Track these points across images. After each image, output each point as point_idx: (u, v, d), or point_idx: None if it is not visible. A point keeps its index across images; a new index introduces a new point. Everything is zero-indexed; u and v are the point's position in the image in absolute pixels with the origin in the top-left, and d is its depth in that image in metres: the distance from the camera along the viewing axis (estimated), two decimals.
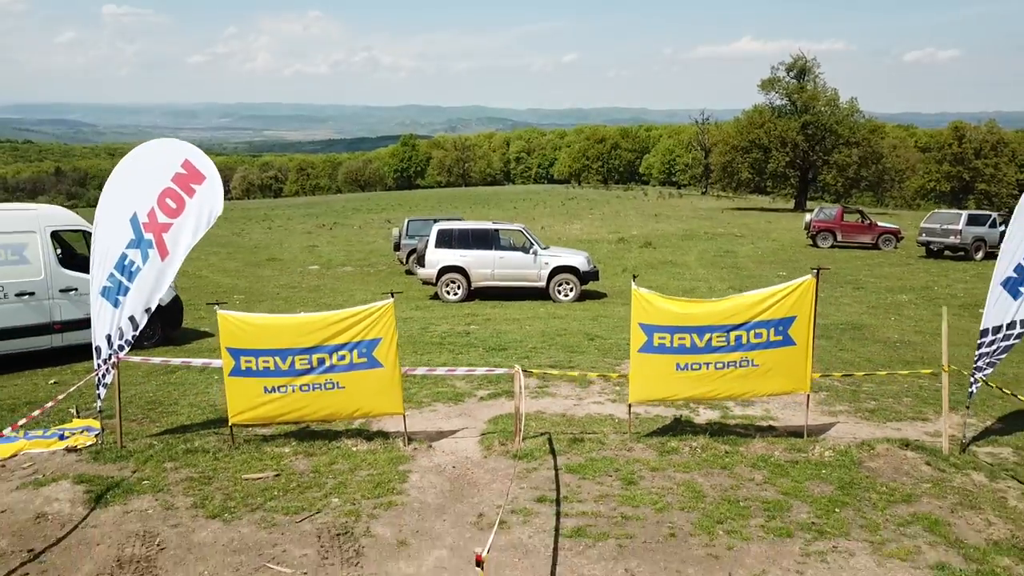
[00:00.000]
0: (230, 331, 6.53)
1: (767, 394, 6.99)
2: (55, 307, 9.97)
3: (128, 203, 6.75)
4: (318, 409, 6.62)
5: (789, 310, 6.55)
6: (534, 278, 15.11)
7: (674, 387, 6.74)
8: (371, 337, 6.52)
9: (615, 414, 7.68)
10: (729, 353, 6.57)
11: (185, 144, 6.96)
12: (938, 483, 6.01)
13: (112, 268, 6.74)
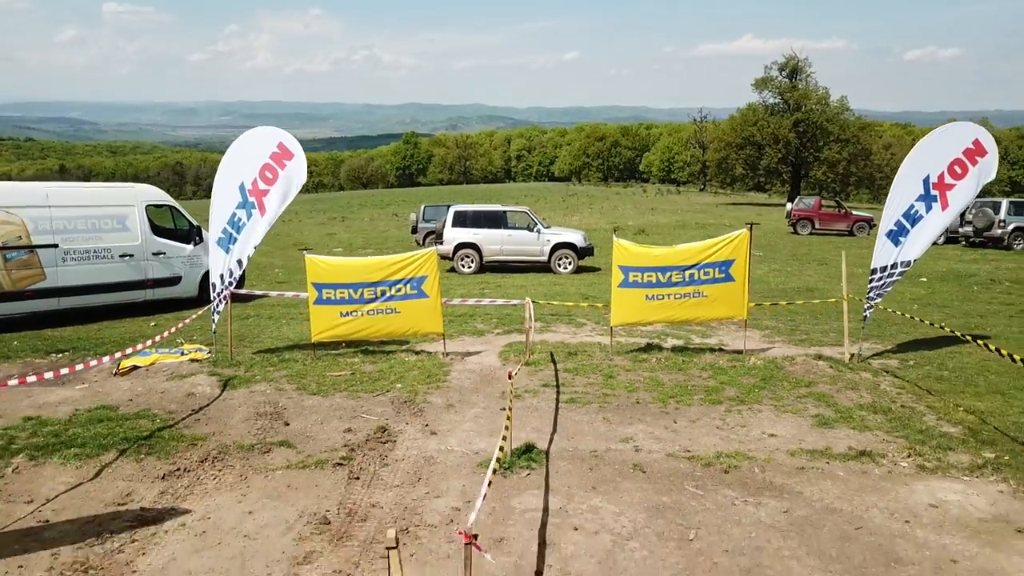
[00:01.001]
0: (315, 270, 8.81)
1: (714, 318, 9.28)
2: (148, 267, 12.23)
3: (237, 175, 9.01)
4: (380, 329, 8.91)
5: (730, 255, 8.83)
6: (537, 253, 17.41)
7: (644, 313, 9.02)
8: (420, 275, 8.81)
9: (601, 341, 9.94)
10: (685, 287, 8.85)
11: (279, 130, 9.22)
12: (834, 378, 8.28)
13: (225, 224, 9.00)
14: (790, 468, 5.80)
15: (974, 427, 6.69)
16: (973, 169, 8.57)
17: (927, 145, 8.84)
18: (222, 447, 6.20)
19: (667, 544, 4.60)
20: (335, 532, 4.77)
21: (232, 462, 5.92)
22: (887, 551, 4.53)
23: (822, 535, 4.73)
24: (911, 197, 8.67)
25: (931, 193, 8.59)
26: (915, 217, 8.65)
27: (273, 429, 6.68)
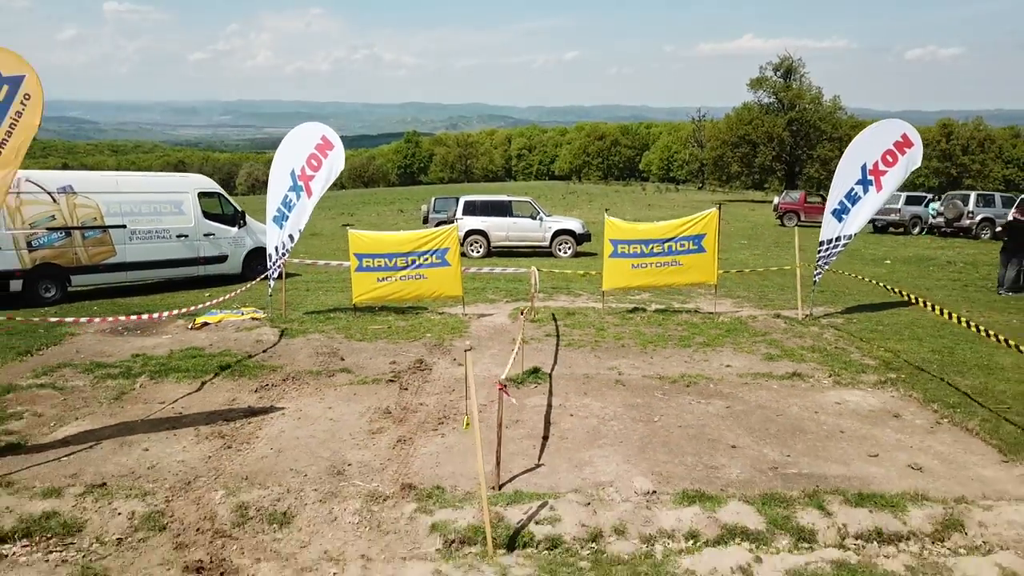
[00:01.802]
0: (356, 242, 10.56)
1: (689, 283, 11.05)
2: (200, 246, 13.98)
3: (288, 163, 10.75)
4: (410, 292, 10.67)
5: (702, 230, 10.59)
6: (540, 239, 19.16)
7: (630, 279, 10.78)
8: (444, 247, 10.57)
9: (595, 306, 11.69)
10: (664, 256, 10.60)
11: (322, 125, 10.96)
12: (786, 330, 10.04)
13: (279, 204, 10.74)
14: (737, 383, 7.56)
15: (888, 360, 8.45)
16: (902, 158, 10.32)
17: (864, 138, 10.62)
18: (296, 372, 7.96)
19: (637, 423, 6.36)
20: (395, 417, 6.53)
21: (307, 381, 7.68)
22: (796, 427, 6.29)
23: (751, 419, 6.48)
24: (851, 181, 10.44)
25: (867, 178, 10.35)
26: (855, 198, 10.42)
27: (332, 362, 8.43)
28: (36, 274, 12.01)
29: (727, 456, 5.60)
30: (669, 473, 5.25)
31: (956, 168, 74.30)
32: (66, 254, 12.33)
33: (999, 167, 75.81)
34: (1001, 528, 4.50)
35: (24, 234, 11.86)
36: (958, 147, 75.41)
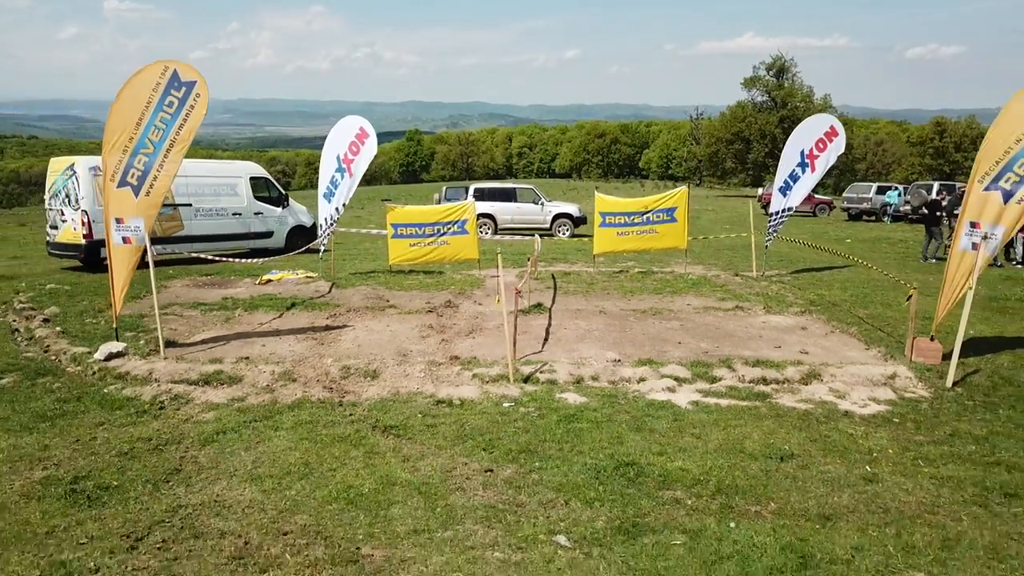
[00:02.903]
0: (392, 215, 12.95)
1: (664, 247, 13.44)
2: (251, 223, 16.36)
3: (335, 148, 13.11)
4: (436, 255, 13.05)
5: (674, 204, 12.98)
6: (541, 222, 21.56)
7: (616, 244, 13.17)
8: (463, 218, 12.95)
9: (587, 270, 14.08)
10: (643, 226, 12.99)
11: (361, 118, 13.31)
12: (741, 283, 12.43)
13: (328, 183, 13.11)
14: (691, 313, 9.95)
15: (813, 300, 10.85)
16: (831, 145, 12.74)
17: (802, 130, 13.04)
18: (354, 307, 10.35)
19: (612, 332, 8.75)
20: (437, 329, 8.93)
21: (364, 312, 10.07)
22: (728, 333, 8.68)
23: (696, 330, 8.87)
24: (793, 164, 12.84)
25: (805, 161, 12.75)
26: (795, 177, 12.82)
27: (380, 303, 10.82)
28: None
29: (673, 346, 7.99)
30: (631, 353, 7.65)
31: (949, 165, 76.58)
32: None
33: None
34: (845, 376, 6.89)
35: None
36: (951, 144, 77.50)
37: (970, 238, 7.15)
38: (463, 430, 5.46)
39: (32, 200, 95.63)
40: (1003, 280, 13.24)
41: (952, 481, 4.62)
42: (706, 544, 3.75)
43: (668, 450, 5.02)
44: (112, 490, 4.44)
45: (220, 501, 4.27)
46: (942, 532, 3.94)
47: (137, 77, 7.42)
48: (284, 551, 3.69)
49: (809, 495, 4.37)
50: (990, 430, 5.55)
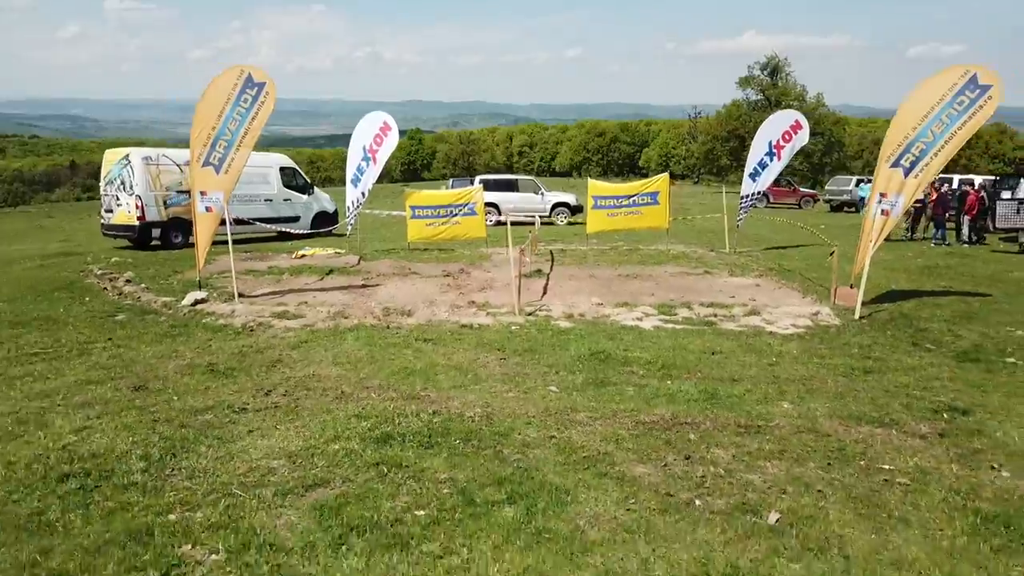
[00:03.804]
0: (411, 198, 14.84)
1: (648, 227, 15.32)
2: (281, 208, 18.26)
3: (362, 139, 14.98)
4: (449, 233, 14.93)
5: (656, 188, 14.86)
6: (541, 210, 23.43)
7: (606, 224, 15.06)
8: (472, 201, 14.84)
9: (582, 248, 15.96)
10: (630, 208, 14.87)
11: (385, 113, 15.16)
12: (715, 257, 14.31)
13: (355, 170, 14.99)
14: (667, 276, 11.84)
15: (772, 267, 12.74)
16: (795, 137, 14.63)
17: (771, 122, 14.95)
18: (383, 273, 12.24)
19: (599, 288, 10.63)
20: (454, 288, 10.81)
21: (392, 276, 11.96)
22: (693, 289, 10.56)
23: (668, 287, 10.75)
24: (762, 153, 14.74)
25: (772, 151, 14.64)
26: (764, 164, 14.72)
27: (405, 270, 12.71)
28: (169, 225, 16.31)
29: (647, 296, 9.89)
30: (612, 300, 9.54)
31: None
32: (189, 211, 16.59)
33: (985, 162, 79.84)
34: (778, 313, 8.77)
35: (162, 195, 16.17)
36: None
37: (879, 205, 9.04)
38: (482, 340, 7.36)
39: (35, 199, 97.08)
40: (945, 255, 15.14)
41: (831, 365, 6.51)
42: (648, 391, 5.65)
43: (631, 348, 6.92)
44: (238, 370, 6.33)
45: (315, 375, 6.16)
46: (809, 386, 5.84)
47: (219, 79, 9.31)
48: (369, 395, 5.58)
49: (725, 370, 6.26)
50: (873, 341, 7.45)
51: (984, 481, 4.06)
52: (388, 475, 4.08)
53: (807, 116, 56.82)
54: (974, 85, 8.50)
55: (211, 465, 4.24)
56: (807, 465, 4.25)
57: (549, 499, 3.77)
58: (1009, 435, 4.77)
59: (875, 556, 3.27)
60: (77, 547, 3.34)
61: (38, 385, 5.90)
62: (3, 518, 3.62)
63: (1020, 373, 6.34)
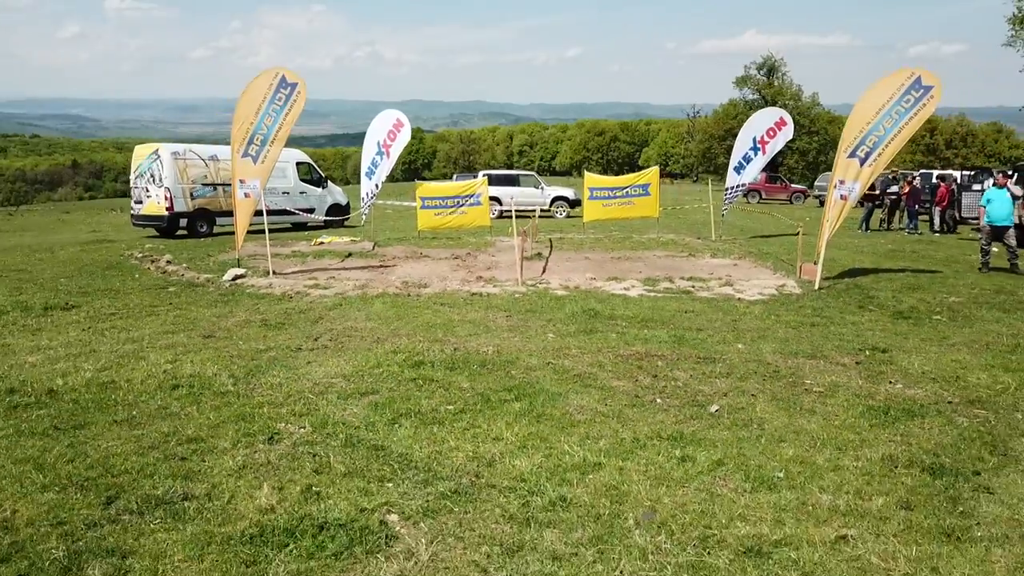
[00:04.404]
0: (422, 190, 16.08)
1: (640, 216, 16.56)
2: (297, 200, 19.49)
3: (376, 135, 16.21)
4: (456, 222, 16.18)
5: (647, 180, 16.11)
6: (541, 203, 24.69)
7: (601, 213, 16.31)
8: (477, 192, 16.08)
9: (579, 236, 17.20)
10: (624, 199, 16.11)
11: (398, 111, 16.40)
12: (701, 243, 15.54)
13: (369, 164, 16.22)
14: (655, 259, 13.07)
15: (751, 251, 13.97)
16: (780, 133, 15.85)
17: (756, 118, 16.17)
18: (398, 256, 13.47)
19: (592, 267, 11.86)
20: (463, 268, 12.04)
21: (407, 259, 13.19)
22: (677, 267, 11.80)
23: (655, 266, 11.99)
24: (746, 147, 15.96)
25: (756, 146, 15.87)
26: (749, 158, 15.95)
27: (417, 254, 13.94)
28: (196, 215, 17.56)
29: (635, 273, 11.12)
30: (604, 276, 10.77)
31: (940, 162, 79.47)
32: (213, 202, 17.87)
33: (980, 161, 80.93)
34: (749, 285, 10.00)
35: (189, 188, 17.41)
36: (942, 141, 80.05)
37: (838, 191, 10.28)
38: (490, 304, 8.60)
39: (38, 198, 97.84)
40: (914, 242, 16.38)
41: (784, 321, 7.75)
42: (628, 336, 6.88)
43: (617, 308, 8.16)
44: (287, 324, 7.57)
45: (353, 328, 7.39)
46: (765, 334, 7.07)
47: (256, 80, 10.56)
48: (401, 339, 6.81)
49: (694, 324, 7.50)
50: (826, 305, 8.68)
51: (880, 390, 5.29)
52: (423, 386, 5.31)
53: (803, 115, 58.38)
54: (919, 86, 9.73)
55: (284, 381, 5.47)
56: (747, 381, 5.48)
57: (546, 398, 5.00)
58: (912, 364, 5.99)
59: (783, 429, 4.49)
60: (200, 424, 4.57)
61: (124, 335, 7.13)
62: (138, 410, 4.85)
63: (941, 327, 7.58)
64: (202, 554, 3.04)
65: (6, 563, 2.97)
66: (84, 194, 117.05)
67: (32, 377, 5.55)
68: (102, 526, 3.27)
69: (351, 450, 4.13)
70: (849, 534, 3.16)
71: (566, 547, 3.07)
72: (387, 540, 3.14)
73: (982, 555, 3.01)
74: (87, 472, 3.83)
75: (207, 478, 3.77)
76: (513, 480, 3.72)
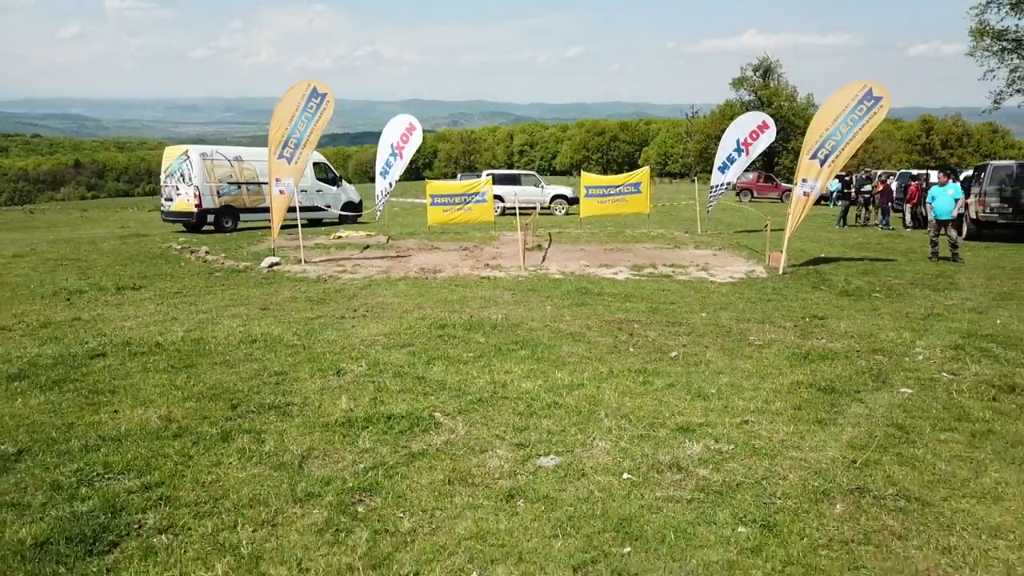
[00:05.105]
0: (431, 188, 17.49)
1: (631, 212, 17.97)
2: (316, 198, 20.92)
3: (390, 137, 17.64)
4: (463, 218, 17.53)
5: (639, 179, 17.53)
6: (542, 201, 26.14)
7: (596, 209, 17.71)
8: (482, 191, 17.51)
9: (577, 231, 18.63)
10: (617, 196, 17.53)
11: (410, 116, 17.83)
12: (687, 237, 16.99)
13: (383, 164, 17.66)
14: (644, 250, 14.52)
15: (731, 243, 15.42)
16: (762, 136, 17.29)
17: (739, 122, 17.63)
18: (410, 248, 14.91)
19: (587, 257, 13.31)
20: (470, 256, 13.49)
21: (420, 250, 14.63)
22: (663, 257, 13.25)
23: (643, 256, 13.43)
24: (731, 149, 17.40)
25: (740, 147, 17.31)
26: (732, 159, 17.39)
27: (428, 246, 15.39)
28: (222, 212, 19.00)
29: (625, 262, 12.57)
30: (597, 263, 12.22)
31: (935, 161, 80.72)
32: (238, 200, 19.32)
33: (976, 160, 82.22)
34: (722, 271, 11.45)
35: (216, 186, 18.85)
36: (938, 141, 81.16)
37: (802, 188, 11.71)
38: (497, 285, 10.06)
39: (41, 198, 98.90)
40: (883, 236, 17.83)
41: (747, 297, 9.19)
42: (612, 308, 8.32)
43: (605, 288, 9.62)
44: (328, 301, 9.01)
45: (384, 303, 8.83)
46: (726, 307, 8.52)
47: (291, 91, 12.00)
48: (425, 310, 8.25)
49: (669, 299, 8.95)
50: (785, 285, 10.13)
51: (807, 344, 6.73)
52: (448, 340, 6.75)
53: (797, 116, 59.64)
54: (870, 96, 11.17)
55: (338, 338, 6.91)
56: (704, 338, 6.92)
57: (544, 347, 6.45)
58: (839, 327, 7.44)
59: (724, 367, 5.93)
60: (282, 364, 6.01)
61: (193, 308, 8.58)
62: (229, 356, 6.29)
63: (876, 302, 9.03)
64: (310, 432, 4.49)
65: (179, 438, 4.41)
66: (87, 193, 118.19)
67: (135, 336, 6.99)
68: (235, 420, 4.71)
69: (400, 379, 5.57)
70: (750, 420, 4.62)
71: (557, 427, 4.53)
72: (434, 426, 4.59)
73: (838, 432, 4.46)
74: (209, 392, 5.28)
75: (299, 395, 5.22)
76: (520, 393, 5.17)
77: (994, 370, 5.76)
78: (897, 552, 3.08)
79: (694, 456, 4.05)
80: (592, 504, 3.51)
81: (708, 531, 3.25)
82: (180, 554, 3.08)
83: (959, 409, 4.86)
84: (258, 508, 3.48)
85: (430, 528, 3.31)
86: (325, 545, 3.15)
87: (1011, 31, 29.00)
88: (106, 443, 4.27)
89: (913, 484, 3.71)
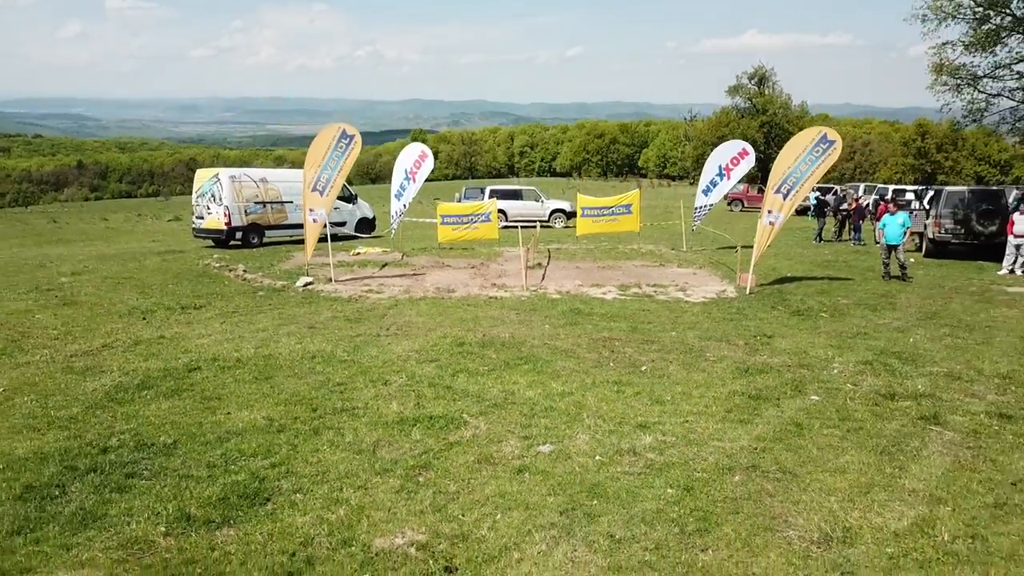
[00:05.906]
0: (441, 209, 19.31)
1: (623, 231, 19.78)
2: (333, 215, 22.57)
3: (404, 163, 19.39)
4: (470, 235, 19.36)
5: (629, 201, 19.32)
6: (541, 215, 27.95)
7: (591, 228, 19.52)
8: (487, 211, 19.31)
9: (573, 248, 20.41)
10: (610, 216, 19.32)
11: (423, 144, 19.60)
12: (671, 254, 18.77)
13: (398, 187, 19.44)
14: (632, 268, 16.29)
15: (712, 261, 17.20)
16: (743, 162, 19.08)
17: (721, 149, 19.41)
18: (425, 266, 16.69)
19: (581, 275, 15.08)
20: (479, 274, 15.27)
21: (433, 268, 16.41)
22: (646, 275, 15.03)
23: (631, 274, 15.21)
24: (713, 173, 19.19)
25: (722, 172, 19.09)
26: (715, 183, 19.19)
27: (440, 263, 17.15)
28: (249, 229, 20.79)
29: (614, 281, 14.35)
30: (589, 282, 13.99)
31: (931, 165, 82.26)
32: (263, 217, 21.11)
33: (971, 164, 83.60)
34: (698, 291, 13.22)
35: (244, 205, 20.65)
36: (933, 145, 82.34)
37: (767, 219, 13.49)
38: (503, 305, 11.85)
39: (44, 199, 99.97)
40: (852, 253, 19.62)
41: (713, 317, 10.97)
42: (600, 327, 10.10)
43: (594, 308, 11.41)
44: (362, 320, 10.78)
45: (410, 322, 10.60)
46: (694, 326, 10.29)
47: (323, 132, 13.80)
48: (444, 329, 10.01)
49: (647, 319, 10.73)
50: (748, 305, 11.91)
51: (752, 359, 8.50)
52: (467, 356, 8.53)
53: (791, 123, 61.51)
54: (825, 140, 12.95)
55: (379, 354, 8.68)
56: (670, 354, 8.70)
57: (543, 363, 8.23)
58: (784, 345, 9.21)
59: (680, 378, 7.70)
60: (340, 376, 7.78)
61: (252, 327, 10.35)
62: (297, 369, 8.06)
63: (820, 321, 10.80)
64: (375, 428, 6.26)
65: (282, 432, 6.19)
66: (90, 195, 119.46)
67: (215, 352, 8.77)
68: (318, 419, 6.49)
69: (433, 388, 7.36)
70: (691, 419, 6.40)
71: (552, 424, 6.31)
72: (463, 424, 6.37)
73: (752, 429, 6.23)
74: (292, 398, 7.06)
75: (360, 400, 7.00)
76: (525, 400, 6.95)
77: (885, 381, 7.54)
78: (765, 503, 4.86)
79: (646, 445, 5.83)
80: (574, 476, 5.29)
81: (648, 492, 5.03)
82: (313, 504, 4.86)
83: (845, 411, 6.64)
84: (353, 478, 5.26)
85: (468, 490, 5.09)
86: (403, 500, 4.94)
87: (967, 67, 31.30)
88: (233, 436, 6.05)
89: (790, 463, 5.49)
